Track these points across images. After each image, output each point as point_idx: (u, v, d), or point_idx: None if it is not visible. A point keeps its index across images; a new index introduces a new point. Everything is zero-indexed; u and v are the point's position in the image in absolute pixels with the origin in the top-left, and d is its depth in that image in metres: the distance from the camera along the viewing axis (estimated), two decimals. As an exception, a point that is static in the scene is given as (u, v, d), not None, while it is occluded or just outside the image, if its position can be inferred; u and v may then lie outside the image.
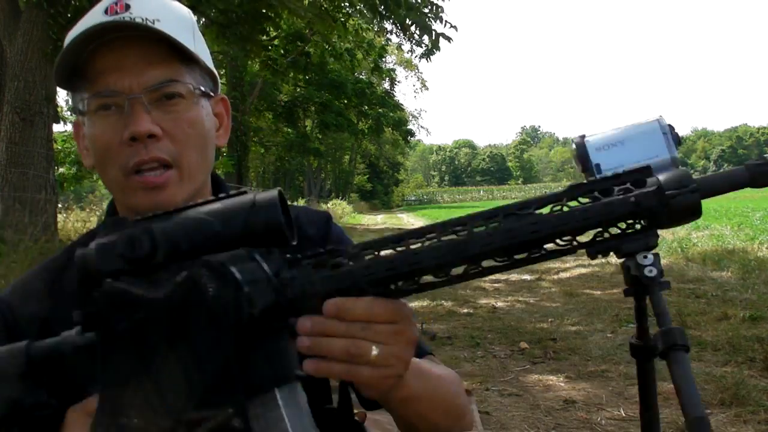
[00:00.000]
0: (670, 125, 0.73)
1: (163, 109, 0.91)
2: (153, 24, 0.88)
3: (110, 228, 0.68)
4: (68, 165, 13.18)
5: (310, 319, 0.68)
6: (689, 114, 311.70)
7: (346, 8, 13.94)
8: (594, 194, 0.68)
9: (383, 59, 31.93)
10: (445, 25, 11.23)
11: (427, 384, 0.85)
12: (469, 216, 0.69)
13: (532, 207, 0.68)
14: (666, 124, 0.73)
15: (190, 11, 0.98)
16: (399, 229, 22.38)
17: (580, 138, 0.75)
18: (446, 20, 11.21)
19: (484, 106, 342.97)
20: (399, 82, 64.81)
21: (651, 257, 0.70)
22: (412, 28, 10.98)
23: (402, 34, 11.86)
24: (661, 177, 0.68)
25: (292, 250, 0.70)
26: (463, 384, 0.98)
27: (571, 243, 0.68)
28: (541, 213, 0.68)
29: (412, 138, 41.18)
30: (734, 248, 8.67)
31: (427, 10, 10.96)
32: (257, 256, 0.67)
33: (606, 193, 0.68)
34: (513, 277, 7.71)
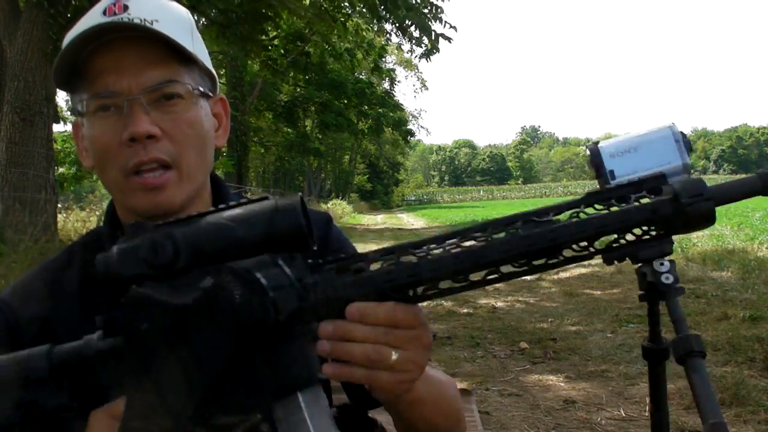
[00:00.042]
0: (682, 132, 0.75)
1: (162, 110, 0.91)
2: (151, 25, 0.88)
3: (131, 232, 0.68)
4: (68, 165, 13.19)
5: (333, 323, 0.69)
6: (689, 114, 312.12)
7: (346, 8, 13.94)
8: (611, 201, 0.70)
9: (383, 59, 31.94)
10: (444, 26, 11.24)
11: (432, 388, 0.87)
12: (489, 222, 0.71)
13: (551, 213, 0.70)
14: (678, 132, 0.75)
15: (188, 12, 0.98)
16: (399, 229, 22.39)
17: (594, 144, 0.77)
18: (446, 21, 11.23)
19: (484, 106, 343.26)
20: (399, 82, 64.89)
21: (667, 264, 0.73)
22: (411, 28, 10.98)
23: (401, 35, 11.87)
24: (676, 185, 0.69)
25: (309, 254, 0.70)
26: (457, 388, 1.00)
27: (589, 249, 0.70)
28: (559, 220, 0.69)
29: (412, 138, 41.18)
30: (734, 248, 8.67)
31: (427, 10, 10.97)
32: (281, 262, 0.67)
33: (622, 200, 0.70)
34: (513, 277, 7.70)
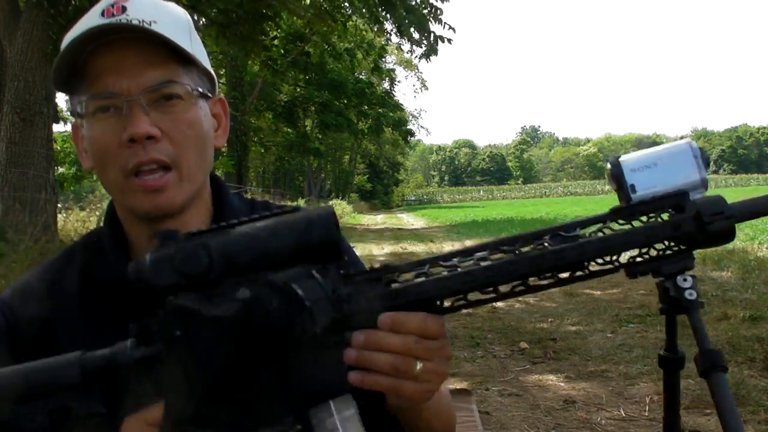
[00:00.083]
0: (701, 148, 0.78)
1: (161, 111, 0.91)
2: (150, 26, 0.88)
3: (162, 242, 0.68)
4: (68, 165, 13.19)
5: (364, 333, 0.70)
6: (689, 114, 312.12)
7: (346, 8, 13.94)
8: (635, 217, 0.74)
9: (383, 59, 31.95)
10: (444, 27, 11.24)
11: (436, 395, 0.88)
12: (517, 236, 0.74)
13: (577, 228, 0.73)
14: (696, 147, 0.78)
15: (186, 12, 0.98)
16: (399, 229, 22.36)
17: (616, 159, 0.80)
18: (445, 22, 11.23)
19: (484, 106, 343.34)
20: (399, 82, 64.90)
21: (690, 280, 0.76)
22: (411, 29, 10.98)
23: (400, 36, 11.86)
24: (699, 202, 0.73)
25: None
26: (449, 394, 1.02)
27: (614, 263, 0.73)
28: (585, 234, 0.73)
29: (412, 138, 41.13)
30: (734, 248, 8.66)
31: (426, 11, 10.97)
32: (315, 273, 0.68)
33: (645, 215, 0.74)
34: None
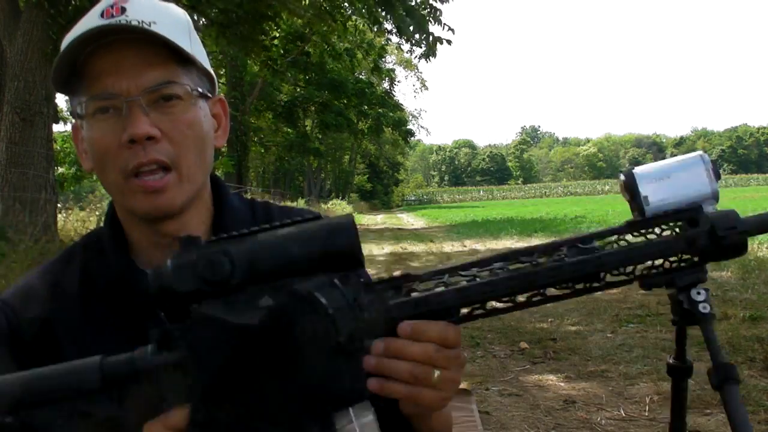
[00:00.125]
0: (712, 161, 0.79)
1: (161, 111, 0.90)
2: (149, 26, 0.88)
3: (183, 247, 0.68)
4: (68, 165, 13.20)
5: (384, 341, 0.71)
6: (689, 114, 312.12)
7: (346, 8, 13.94)
8: (650, 230, 0.76)
9: (383, 59, 31.94)
10: (444, 28, 11.23)
11: None
12: (535, 247, 0.75)
13: (594, 240, 0.74)
14: (708, 160, 0.79)
15: (186, 13, 0.98)
16: (399, 229, 22.35)
17: (629, 170, 0.81)
18: (444, 23, 11.23)
19: (484, 106, 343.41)
20: (399, 82, 64.93)
21: (703, 293, 0.77)
22: (410, 29, 10.98)
23: (400, 36, 11.86)
24: (712, 216, 0.75)
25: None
26: None
27: (629, 275, 0.75)
28: (602, 246, 0.75)
29: (412, 138, 41.17)
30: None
31: (426, 12, 10.97)
32: (337, 282, 0.69)
33: (660, 228, 0.76)
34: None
